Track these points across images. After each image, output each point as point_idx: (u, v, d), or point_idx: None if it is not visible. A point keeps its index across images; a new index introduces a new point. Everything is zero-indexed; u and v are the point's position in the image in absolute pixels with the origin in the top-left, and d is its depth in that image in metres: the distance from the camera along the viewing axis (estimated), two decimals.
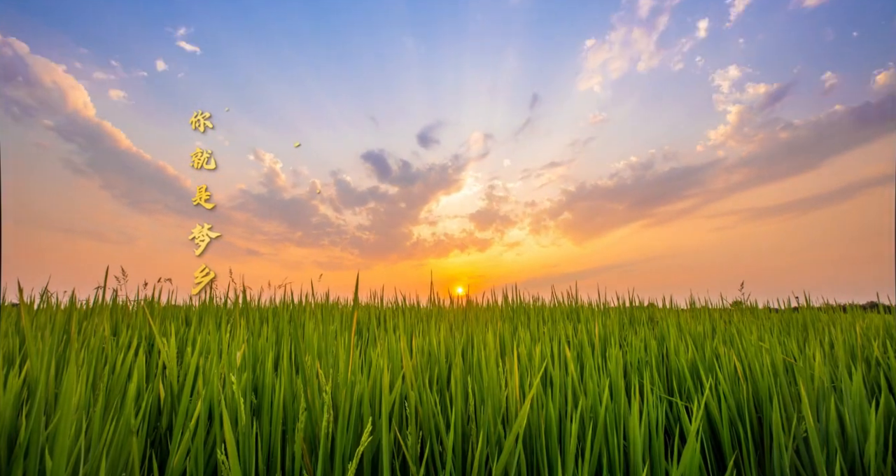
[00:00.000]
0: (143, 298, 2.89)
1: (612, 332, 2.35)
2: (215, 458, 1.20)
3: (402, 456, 1.33)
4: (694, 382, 1.75)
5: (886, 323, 2.52)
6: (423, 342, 1.70)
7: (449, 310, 3.23)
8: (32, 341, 1.11)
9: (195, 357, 1.34)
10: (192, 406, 1.21)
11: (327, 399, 1.11)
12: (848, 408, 1.32)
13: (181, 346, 1.85)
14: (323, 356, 1.36)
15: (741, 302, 3.97)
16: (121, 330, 2.18)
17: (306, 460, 1.17)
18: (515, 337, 2.20)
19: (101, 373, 1.29)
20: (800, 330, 2.77)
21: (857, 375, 1.35)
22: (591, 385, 1.38)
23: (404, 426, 1.33)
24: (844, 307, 3.62)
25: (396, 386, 1.30)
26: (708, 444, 1.48)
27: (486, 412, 1.24)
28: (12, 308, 2.30)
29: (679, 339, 2.10)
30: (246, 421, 1.09)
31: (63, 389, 0.84)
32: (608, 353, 1.75)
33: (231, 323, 2.29)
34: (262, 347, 1.56)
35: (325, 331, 1.48)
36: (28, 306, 2.38)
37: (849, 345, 2.02)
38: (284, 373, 1.25)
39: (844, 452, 1.31)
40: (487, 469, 1.27)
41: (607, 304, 3.70)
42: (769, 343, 1.75)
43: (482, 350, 1.35)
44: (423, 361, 1.58)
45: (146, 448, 1.26)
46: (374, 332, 2.56)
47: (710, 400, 1.48)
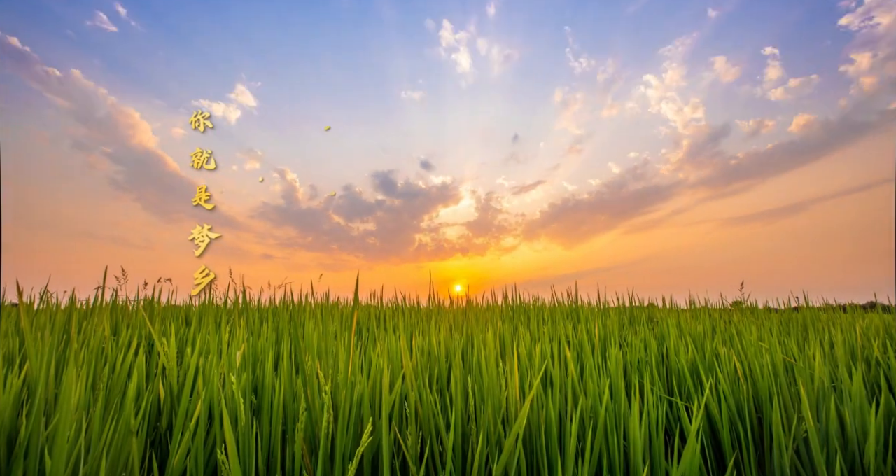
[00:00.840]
0: (142, 298, 2.89)
1: (612, 332, 2.35)
2: (215, 458, 1.20)
3: (402, 456, 1.33)
4: (694, 382, 1.75)
5: (886, 323, 2.52)
6: (422, 342, 1.70)
7: (449, 310, 3.23)
8: (32, 341, 1.11)
9: (195, 357, 1.34)
10: (192, 406, 1.21)
11: (327, 399, 1.11)
12: (848, 408, 1.32)
13: (181, 346, 1.85)
14: (323, 356, 1.35)
15: (741, 302, 3.97)
16: (121, 330, 2.18)
17: (306, 460, 1.17)
18: (515, 337, 2.20)
19: (101, 373, 1.29)
20: (800, 330, 2.77)
21: (857, 375, 1.35)
22: (591, 385, 1.38)
23: (404, 426, 1.33)
24: (844, 307, 3.62)
25: (396, 386, 1.30)
26: (708, 444, 1.48)
27: (486, 412, 1.24)
28: (12, 308, 2.30)
29: (679, 339, 2.10)
30: (246, 421, 1.09)
31: (63, 389, 0.84)
32: (608, 353, 1.75)
33: (231, 323, 2.29)
34: (262, 347, 1.56)
35: (325, 331, 1.47)
36: (28, 306, 2.38)
37: (849, 345, 2.02)
38: (284, 373, 1.25)
39: (844, 453, 1.31)
40: (487, 469, 1.27)
41: (607, 304, 3.70)
42: (769, 343, 1.75)
43: (482, 350, 1.35)
44: (423, 361, 1.58)
45: (146, 448, 1.26)
46: (374, 332, 2.56)
47: (710, 400, 1.48)
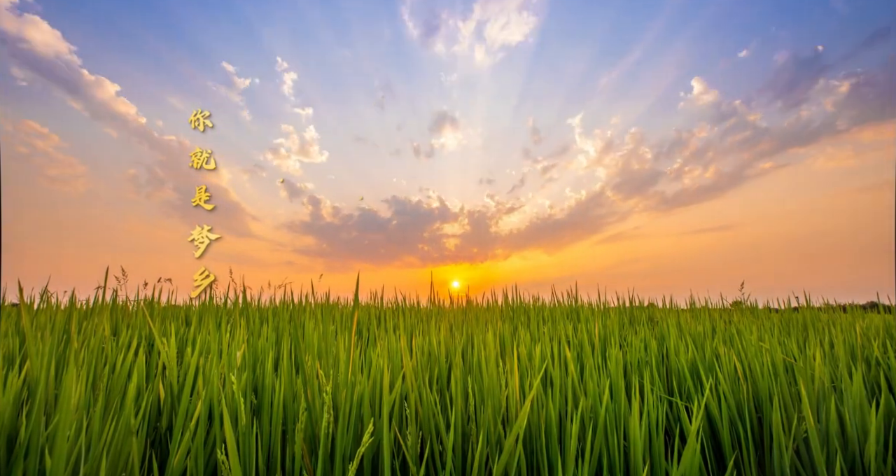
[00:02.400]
0: (143, 298, 2.90)
1: (612, 332, 2.35)
2: (215, 458, 1.20)
3: (403, 456, 1.33)
4: (694, 382, 1.75)
5: (886, 323, 2.52)
6: (423, 342, 1.70)
7: (449, 310, 3.23)
8: (32, 341, 1.11)
9: (195, 357, 1.34)
10: (192, 406, 1.21)
11: (327, 399, 1.11)
12: (848, 408, 1.32)
13: (181, 346, 1.85)
14: (323, 356, 1.36)
15: (741, 302, 3.97)
16: (121, 330, 2.18)
17: (306, 460, 1.17)
18: (515, 337, 2.20)
19: (101, 373, 1.29)
20: (800, 330, 2.77)
21: (857, 375, 1.35)
22: (591, 385, 1.38)
23: (404, 426, 1.33)
24: (844, 307, 3.62)
25: (396, 386, 1.30)
26: (708, 444, 1.48)
27: (486, 412, 1.24)
28: (12, 308, 2.30)
29: (679, 339, 2.10)
30: (246, 421, 1.09)
31: (63, 389, 0.84)
32: (608, 354, 1.75)
33: (231, 323, 2.30)
34: (262, 347, 1.56)
35: (325, 331, 1.47)
36: (28, 306, 2.38)
37: (849, 345, 2.02)
38: (284, 373, 1.25)
39: (844, 453, 1.31)
40: (487, 469, 1.27)
41: (607, 304, 3.70)
42: (769, 343, 1.75)
43: (482, 350, 1.35)
44: (424, 361, 1.58)
45: (146, 448, 1.26)
46: (374, 332, 2.56)
47: (710, 400, 1.48)
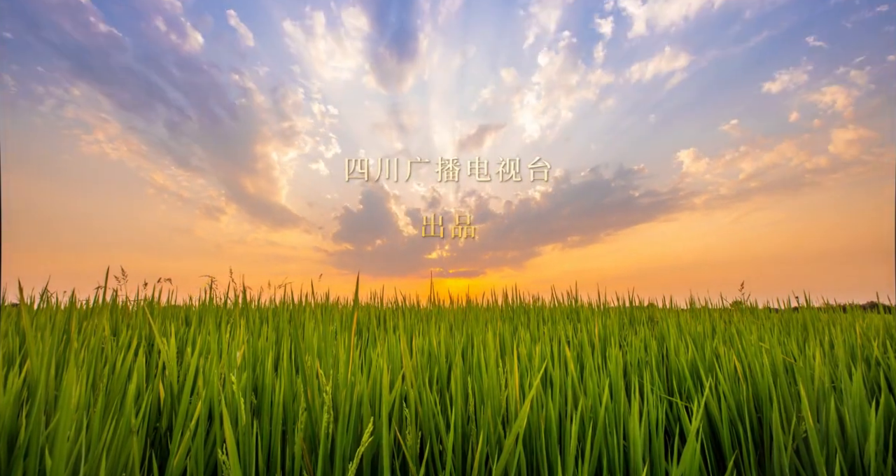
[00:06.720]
0: (143, 298, 2.89)
1: (612, 332, 2.35)
2: (215, 458, 1.20)
3: (402, 456, 1.33)
4: (694, 382, 1.75)
5: (886, 323, 2.52)
6: (423, 342, 1.70)
7: (449, 310, 3.23)
8: (32, 341, 1.11)
9: (195, 357, 1.34)
10: (192, 406, 1.21)
11: (327, 399, 1.11)
12: (848, 408, 1.32)
13: (181, 346, 1.85)
14: (323, 356, 1.35)
15: (741, 302, 3.97)
16: (121, 330, 2.18)
17: (306, 460, 1.17)
18: (515, 337, 2.20)
19: (101, 373, 1.29)
20: (800, 330, 2.76)
21: (857, 375, 1.35)
22: (591, 385, 1.38)
23: (404, 426, 1.33)
24: (844, 307, 3.62)
25: (396, 386, 1.30)
26: (708, 444, 1.48)
27: (486, 412, 1.24)
28: (12, 308, 2.30)
29: (679, 339, 2.10)
30: (246, 421, 1.09)
31: (63, 389, 0.84)
32: (608, 353, 1.75)
33: (231, 323, 2.30)
34: (262, 347, 1.56)
35: (325, 331, 1.47)
36: (28, 306, 2.38)
37: (849, 345, 2.02)
38: (284, 373, 1.25)
39: (844, 452, 1.31)
40: (487, 469, 1.27)
41: (607, 304, 3.70)
42: (769, 343, 1.75)
43: (482, 350, 1.35)
44: (423, 361, 1.58)
45: (146, 448, 1.26)
46: (374, 332, 2.56)
47: (710, 400, 1.48)
